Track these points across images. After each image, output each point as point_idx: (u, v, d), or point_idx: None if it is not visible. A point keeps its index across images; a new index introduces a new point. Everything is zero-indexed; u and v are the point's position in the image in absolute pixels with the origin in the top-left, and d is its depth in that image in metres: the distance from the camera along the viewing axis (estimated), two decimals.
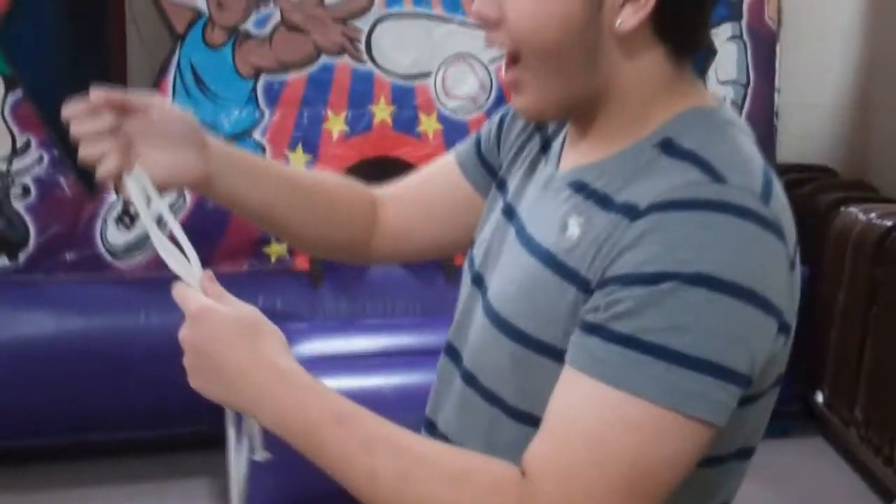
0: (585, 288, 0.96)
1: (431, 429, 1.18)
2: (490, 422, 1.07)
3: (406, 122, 3.61)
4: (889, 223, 3.52)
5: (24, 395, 3.29)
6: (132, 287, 3.45)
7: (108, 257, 3.51)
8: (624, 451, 0.89)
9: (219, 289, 1.07)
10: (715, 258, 0.89)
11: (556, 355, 0.97)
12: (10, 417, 3.31)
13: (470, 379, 1.11)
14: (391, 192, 1.36)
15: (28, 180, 3.49)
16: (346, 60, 3.58)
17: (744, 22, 3.83)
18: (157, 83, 3.55)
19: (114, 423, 3.39)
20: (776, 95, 3.97)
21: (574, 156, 1.08)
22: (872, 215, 3.63)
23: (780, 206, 0.97)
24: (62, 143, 3.50)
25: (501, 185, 1.21)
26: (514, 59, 1.04)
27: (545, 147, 1.17)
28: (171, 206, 3.50)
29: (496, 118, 1.29)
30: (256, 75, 3.56)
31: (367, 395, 1.53)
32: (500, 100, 3.61)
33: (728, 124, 1.02)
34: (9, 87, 3.44)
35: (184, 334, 1.05)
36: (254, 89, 3.57)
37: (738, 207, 0.91)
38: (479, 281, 1.15)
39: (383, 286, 3.58)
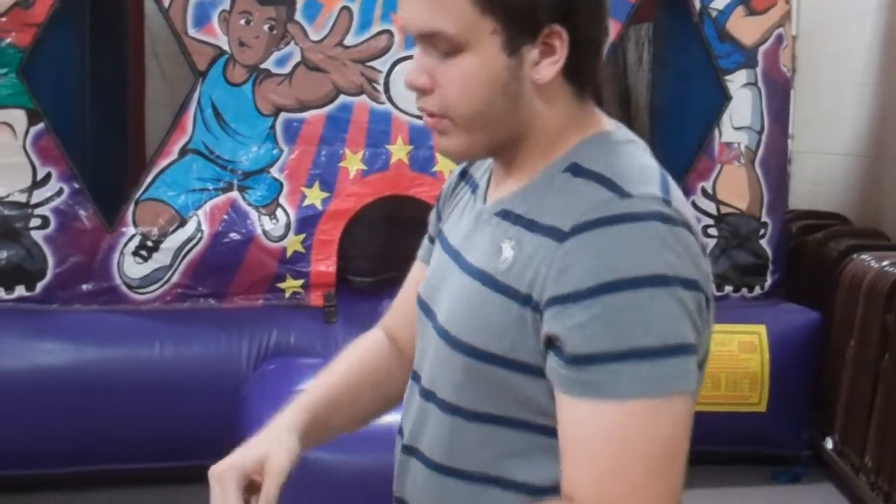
0: (529, 303, 1.09)
1: (408, 449, 1.26)
2: (450, 430, 1.17)
3: (422, 161, 3.65)
4: None
5: (39, 424, 3.31)
6: (147, 318, 3.48)
7: (124, 289, 3.54)
8: (643, 446, 1.02)
9: None
10: (641, 260, 1.03)
11: (505, 364, 1.11)
12: (24, 446, 3.33)
13: (428, 395, 1.21)
14: (395, 321, 1.46)
15: (48, 212, 3.53)
16: (364, 100, 3.63)
17: (759, 69, 3.87)
18: (176, 119, 3.59)
19: (126, 453, 3.41)
20: (790, 142, 4.00)
21: (498, 190, 1.21)
22: (885, 263, 3.64)
23: (681, 203, 1.11)
24: (82, 177, 3.54)
25: (441, 232, 1.33)
26: (441, 116, 1.16)
27: (474, 188, 1.29)
28: (188, 240, 3.54)
29: (436, 205, 1.41)
30: (276, 113, 3.61)
31: (378, 429, 1.55)
32: None
33: (624, 143, 1.17)
34: (31, 121, 3.49)
35: None
36: (273, 127, 3.61)
37: (648, 214, 1.05)
38: (426, 309, 1.26)
39: None
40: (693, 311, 1.06)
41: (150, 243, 3.55)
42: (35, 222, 3.52)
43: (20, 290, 3.52)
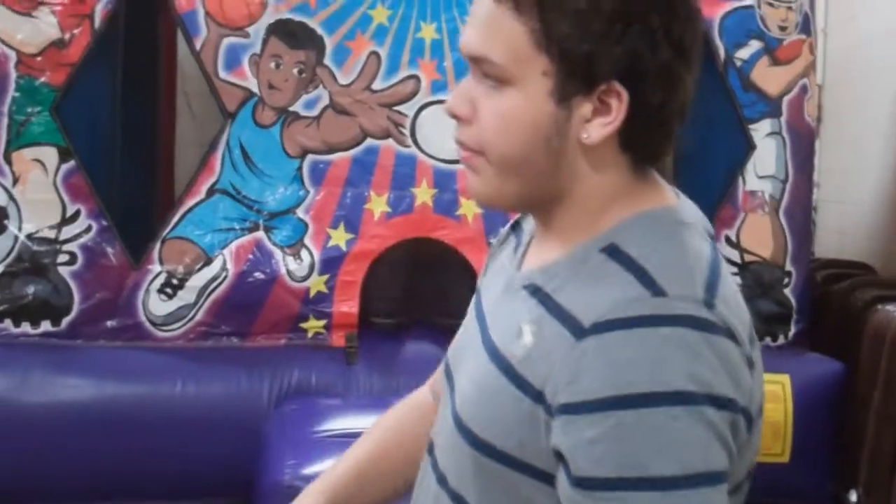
0: (541, 401, 0.98)
1: None
2: None
3: (446, 204, 3.67)
4: None
5: (60, 459, 3.32)
6: (170, 356, 3.50)
7: (148, 326, 3.57)
8: None
9: None
10: (663, 372, 0.91)
11: (513, 464, 1.00)
12: (45, 480, 3.34)
13: (441, 480, 1.13)
14: (437, 383, 1.34)
15: (75, 248, 3.57)
16: (390, 144, 3.66)
17: (783, 118, 3.88)
18: (204, 159, 3.63)
19: (147, 490, 3.42)
20: (815, 191, 4.00)
21: (533, 258, 1.11)
22: None
23: (728, 307, 0.98)
24: (110, 214, 3.58)
25: (477, 290, 1.23)
26: (477, 152, 1.06)
27: (517, 246, 1.18)
28: (213, 278, 3.57)
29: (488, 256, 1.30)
30: (303, 155, 3.64)
31: None
32: None
33: (677, 225, 1.04)
34: (63, 158, 3.53)
35: None
36: (300, 168, 3.64)
37: (680, 318, 0.94)
38: (450, 377, 1.17)
39: (417, 364, 3.59)
40: (725, 432, 0.93)
41: (175, 281, 3.57)
42: (63, 258, 3.56)
43: (46, 326, 3.55)
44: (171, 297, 3.57)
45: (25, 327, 3.55)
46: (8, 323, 3.54)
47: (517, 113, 1.02)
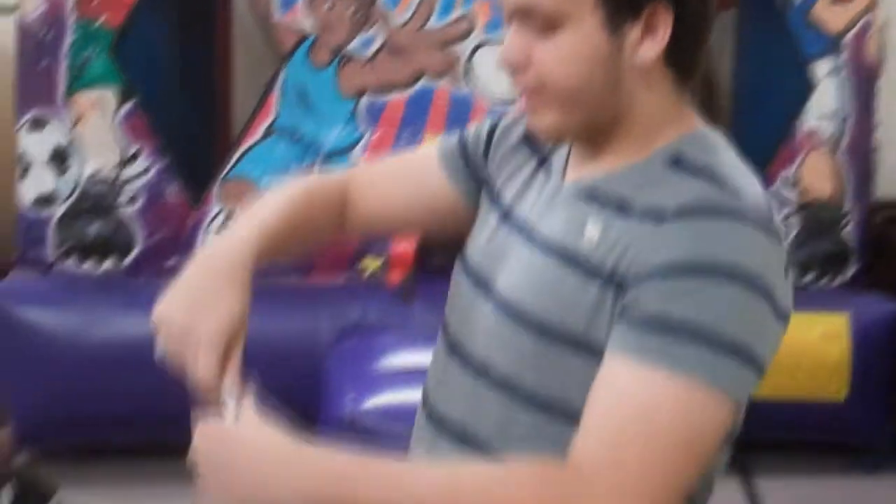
0: (612, 282, 1.04)
1: (440, 423, 1.20)
2: (506, 412, 1.11)
3: None
4: None
5: (125, 393, 3.41)
6: None
7: None
8: (673, 427, 0.97)
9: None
10: (744, 259, 0.99)
11: (577, 345, 1.06)
12: (111, 414, 3.43)
13: (482, 372, 1.14)
14: (366, 187, 1.35)
15: (136, 188, 3.62)
16: (445, 83, 3.66)
17: (845, 57, 3.82)
18: (262, 100, 3.66)
19: None
20: (876, 130, 3.94)
21: (581, 169, 1.16)
22: None
23: (779, 221, 1.08)
24: (171, 154, 3.63)
25: (495, 197, 1.25)
26: (537, 91, 1.11)
27: (542, 161, 1.23)
28: None
29: (485, 127, 1.33)
30: (358, 95, 3.65)
31: None
32: None
33: (724, 147, 1.12)
34: (122, 99, 3.58)
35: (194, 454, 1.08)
36: (355, 109, 3.66)
37: (756, 219, 1.02)
38: (482, 283, 1.19)
39: None
40: (776, 337, 1.04)
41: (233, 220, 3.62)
42: (124, 198, 3.62)
43: (109, 264, 3.63)
44: None
45: (89, 265, 3.62)
46: (72, 261, 3.61)
47: (574, 51, 1.07)
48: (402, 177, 1.36)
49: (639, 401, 0.97)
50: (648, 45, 1.07)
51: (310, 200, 1.28)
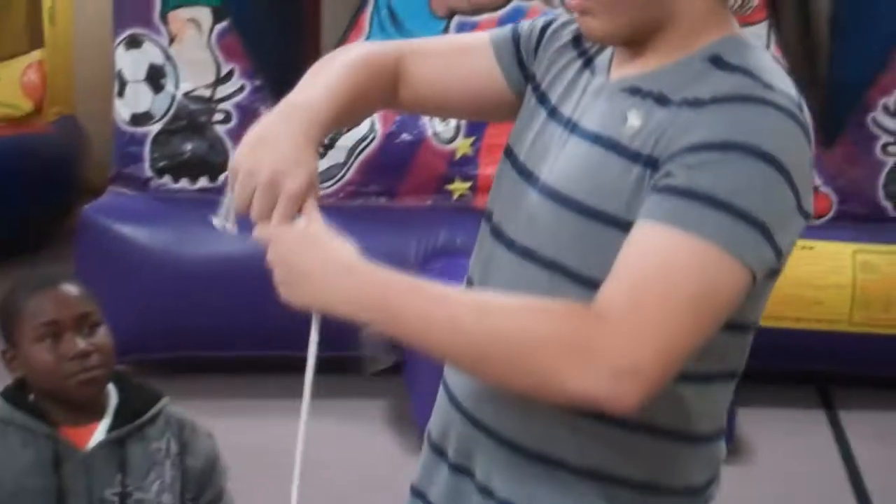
0: (652, 164, 1.10)
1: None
2: (551, 291, 1.15)
3: None
4: None
5: (219, 309, 3.49)
6: (322, 213, 3.59)
7: None
8: (694, 286, 1.04)
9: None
10: (774, 142, 1.06)
11: (619, 224, 1.11)
12: (205, 329, 3.53)
13: (527, 254, 1.20)
14: (421, 67, 1.37)
15: (230, 107, 3.67)
16: (537, 4, 3.62)
17: None
18: (353, 19, 3.66)
19: (299, 341, 3.55)
20: None
21: (624, 68, 1.20)
22: None
23: (808, 115, 1.13)
24: (264, 74, 3.66)
25: (542, 96, 1.29)
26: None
27: (587, 63, 1.27)
28: (362, 139, 3.63)
29: (538, 24, 1.35)
30: (450, 16, 3.64)
31: None
32: None
33: (761, 49, 1.19)
34: (217, 18, 3.62)
35: (268, 257, 1.16)
36: (446, 29, 3.65)
37: (786, 109, 1.09)
38: (526, 173, 1.24)
39: None
40: (795, 228, 1.10)
41: (325, 140, 3.65)
42: (218, 117, 3.67)
43: (203, 182, 3.69)
44: (321, 155, 3.65)
45: (184, 183, 3.69)
46: (167, 178, 3.69)
47: None
48: (455, 59, 1.38)
49: (660, 256, 1.05)
50: None
51: (370, 71, 1.31)
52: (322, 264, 1.13)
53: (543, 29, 1.34)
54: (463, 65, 1.36)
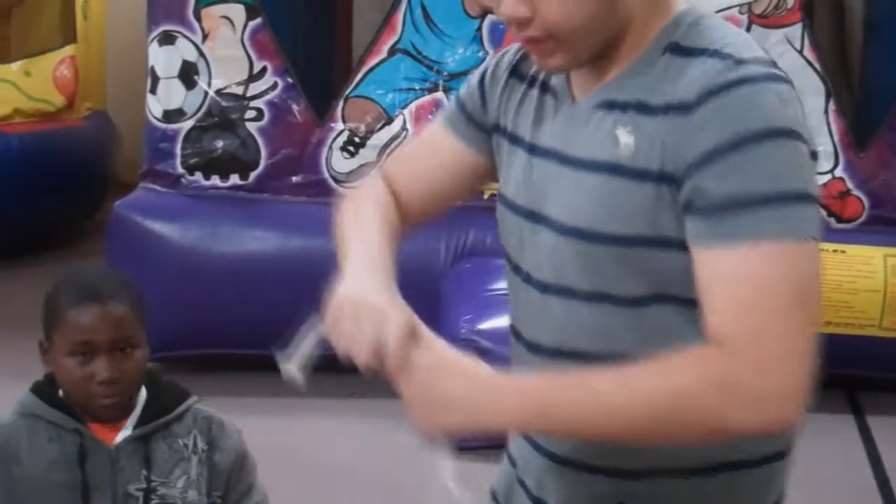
0: (664, 178, 1.10)
1: (536, 349, 1.25)
2: (601, 320, 1.17)
3: None
4: None
5: (247, 306, 3.50)
6: None
7: (332, 182, 3.68)
8: (781, 285, 1.05)
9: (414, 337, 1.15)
10: (771, 115, 1.07)
11: (649, 243, 1.12)
12: (235, 325, 3.54)
13: (566, 292, 1.20)
14: (403, 180, 1.40)
15: (262, 104, 3.68)
16: None
17: None
18: (386, 19, 3.67)
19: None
20: None
21: (588, 83, 1.20)
22: None
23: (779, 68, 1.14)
24: (296, 72, 3.67)
25: (512, 137, 1.29)
26: (544, 40, 1.14)
27: (543, 88, 1.26)
28: (394, 137, 3.63)
29: (474, 79, 1.37)
30: (483, 16, 3.63)
31: None
32: None
33: (709, 17, 1.18)
34: (250, 16, 3.63)
35: (407, 389, 1.14)
36: (479, 29, 3.64)
37: (765, 76, 1.09)
38: (533, 216, 1.23)
39: None
40: (813, 164, 1.11)
41: (357, 139, 3.66)
42: (250, 114, 3.68)
43: (234, 179, 3.70)
44: (353, 154, 3.66)
45: (215, 180, 3.70)
46: (198, 175, 3.70)
47: None
48: (422, 160, 1.41)
49: (748, 276, 1.05)
50: None
51: (385, 217, 1.35)
52: (467, 387, 1.12)
53: (481, 81, 1.35)
54: (433, 163, 1.38)
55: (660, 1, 1.17)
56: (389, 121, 3.65)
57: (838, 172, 3.61)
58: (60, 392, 1.65)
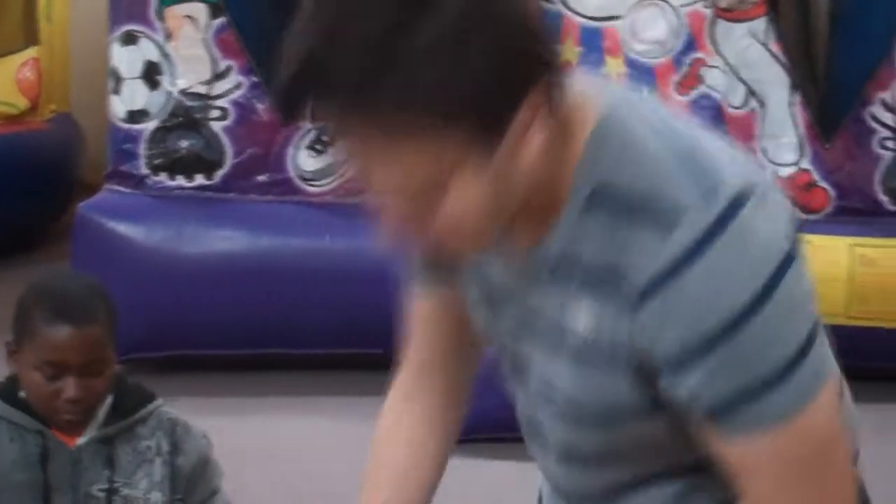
0: (643, 368, 0.97)
1: (561, 493, 1.19)
2: (611, 475, 1.11)
3: (591, 64, 3.62)
4: None
5: (215, 307, 3.48)
6: (319, 210, 3.59)
7: (298, 181, 3.66)
8: (819, 460, 0.98)
9: None
10: (765, 269, 0.91)
11: (649, 414, 1.01)
12: (200, 327, 3.51)
13: (572, 460, 1.12)
14: (432, 358, 1.30)
15: (227, 104, 3.65)
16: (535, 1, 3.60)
17: None
18: None
19: (295, 338, 3.55)
20: None
21: (520, 241, 1.02)
22: None
23: (739, 153, 0.98)
24: (261, 71, 3.65)
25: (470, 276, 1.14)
26: (445, 244, 0.98)
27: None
28: None
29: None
30: None
31: None
32: (690, 45, 3.56)
33: (619, 125, 0.96)
34: (214, 14, 3.60)
35: None
36: None
37: (721, 216, 0.91)
38: (520, 369, 1.12)
39: None
40: (807, 273, 0.96)
41: (324, 138, 3.64)
42: (215, 114, 3.65)
43: (200, 179, 3.67)
44: (320, 153, 3.64)
45: (180, 180, 3.67)
46: (163, 176, 3.67)
47: (467, 205, 0.92)
48: (427, 328, 1.30)
49: (772, 464, 0.96)
50: (536, 129, 0.90)
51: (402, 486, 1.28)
52: None
53: None
54: (430, 326, 1.29)
55: (563, 135, 0.94)
56: None
57: (804, 164, 3.63)
58: (23, 393, 1.63)
